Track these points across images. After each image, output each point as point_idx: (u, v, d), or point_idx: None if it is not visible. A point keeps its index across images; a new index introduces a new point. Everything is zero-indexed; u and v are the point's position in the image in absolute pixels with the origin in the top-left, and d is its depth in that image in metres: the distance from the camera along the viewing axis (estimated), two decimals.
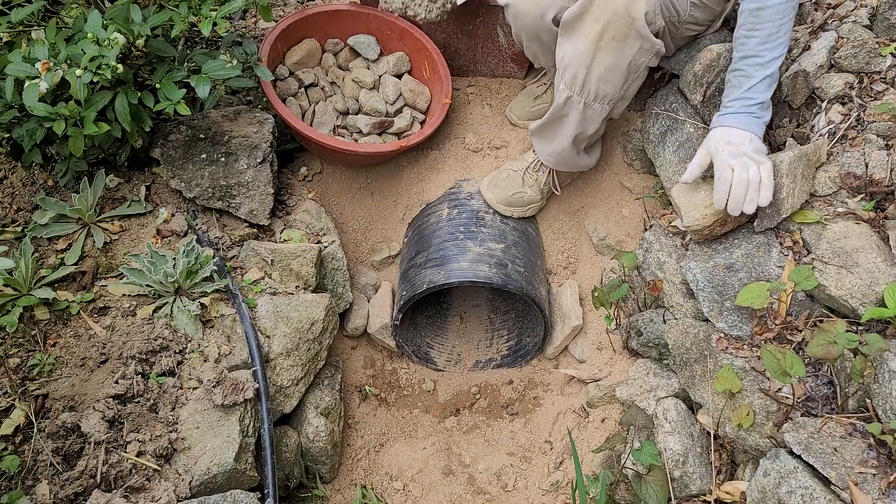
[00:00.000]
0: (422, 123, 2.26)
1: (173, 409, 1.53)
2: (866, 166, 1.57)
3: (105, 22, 1.56)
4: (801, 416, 1.36)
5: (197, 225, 1.86)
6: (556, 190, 2.15)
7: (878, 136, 1.60)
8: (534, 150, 2.11)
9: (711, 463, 1.49)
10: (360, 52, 2.27)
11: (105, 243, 1.74)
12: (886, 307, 1.31)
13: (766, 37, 1.54)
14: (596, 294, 1.93)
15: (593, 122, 1.85)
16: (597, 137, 2.00)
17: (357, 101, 2.21)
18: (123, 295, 1.66)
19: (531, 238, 2.17)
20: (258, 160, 1.91)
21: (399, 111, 2.23)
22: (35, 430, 1.41)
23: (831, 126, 1.68)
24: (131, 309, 1.65)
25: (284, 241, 1.95)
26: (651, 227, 1.93)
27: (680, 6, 1.68)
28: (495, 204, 2.12)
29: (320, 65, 2.31)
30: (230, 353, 1.63)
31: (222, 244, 1.86)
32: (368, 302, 2.18)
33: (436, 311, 2.36)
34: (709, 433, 1.52)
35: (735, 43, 1.61)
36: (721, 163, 1.57)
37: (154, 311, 1.65)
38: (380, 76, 2.26)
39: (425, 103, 2.27)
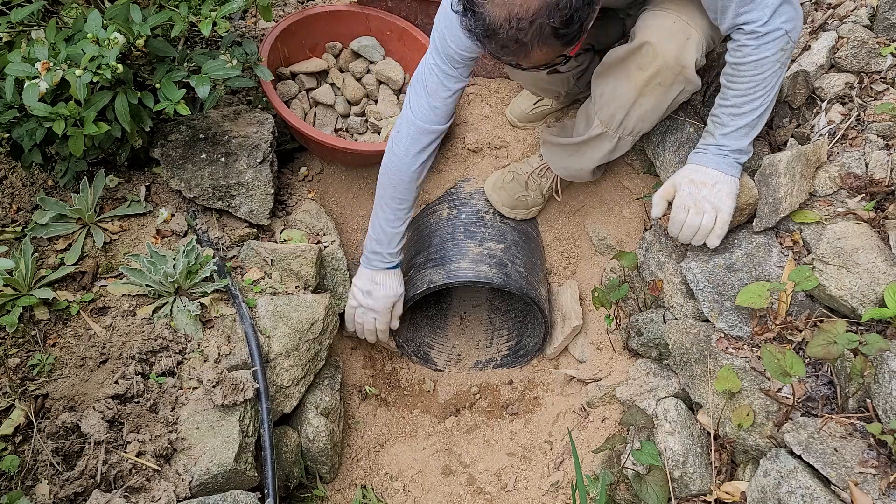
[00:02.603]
0: None
1: (173, 409, 1.53)
2: (866, 166, 1.57)
3: (105, 22, 1.56)
4: (802, 416, 1.36)
5: (197, 225, 1.86)
6: (558, 196, 2.15)
7: (878, 135, 1.60)
8: (540, 156, 2.11)
9: (711, 463, 1.49)
10: (364, 55, 2.27)
11: (105, 243, 1.74)
12: (886, 307, 1.31)
13: (745, 90, 1.49)
14: (596, 294, 1.93)
15: (621, 150, 1.85)
16: None
17: (358, 104, 2.23)
18: (123, 295, 1.66)
19: (531, 238, 2.17)
20: (258, 160, 1.91)
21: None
22: (35, 430, 1.41)
23: (831, 126, 1.68)
24: (131, 309, 1.64)
25: (284, 241, 1.95)
26: (651, 227, 1.93)
27: (716, 36, 1.63)
28: (500, 206, 2.12)
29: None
30: (230, 353, 1.63)
31: (222, 244, 1.86)
32: None
33: (436, 311, 2.36)
34: (709, 433, 1.52)
35: (721, 88, 1.57)
36: (678, 201, 1.58)
37: (154, 311, 1.65)
38: (378, 84, 2.27)
39: None
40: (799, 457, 1.26)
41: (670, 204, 1.62)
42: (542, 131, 2.07)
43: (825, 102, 1.73)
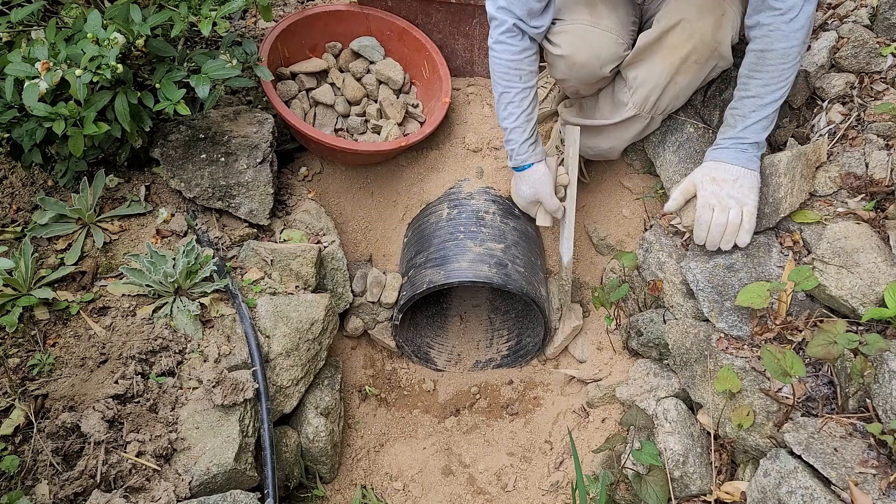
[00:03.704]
0: (421, 123, 2.26)
1: (173, 409, 1.53)
2: (866, 166, 1.57)
3: (105, 22, 1.56)
4: (802, 416, 1.36)
5: (197, 225, 1.86)
6: (585, 178, 2.16)
7: (878, 135, 1.60)
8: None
9: (711, 463, 1.49)
10: (365, 55, 2.27)
11: (105, 243, 1.74)
12: (886, 307, 1.31)
13: (769, 80, 1.49)
14: (596, 294, 1.93)
15: (651, 129, 1.88)
16: None
17: (358, 104, 2.23)
18: (123, 295, 1.66)
19: (531, 238, 2.17)
20: (258, 160, 1.91)
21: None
22: (35, 430, 1.41)
23: (832, 126, 1.68)
24: (131, 309, 1.64)
25: (284, 241, 1.95)
26: (651, 227, 1.93)
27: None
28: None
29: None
30: (230, 353, 1.63)
31: (222, 244, 1.86)
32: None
33: (436, 311, 2.36)
34: (709, 433, 1.52)
35: (738, 80, 1.56)
36: (702, 201, 1.58)
37: (154, 311, 1.65)
38: (378, 84, 2.26)
39: (418, 103, 2.28)
40: (799, 457, 1.26)
41: (688, 202, 1.62)
42: (562, 111, 2.06)
43: (825, 102, 1.73)
